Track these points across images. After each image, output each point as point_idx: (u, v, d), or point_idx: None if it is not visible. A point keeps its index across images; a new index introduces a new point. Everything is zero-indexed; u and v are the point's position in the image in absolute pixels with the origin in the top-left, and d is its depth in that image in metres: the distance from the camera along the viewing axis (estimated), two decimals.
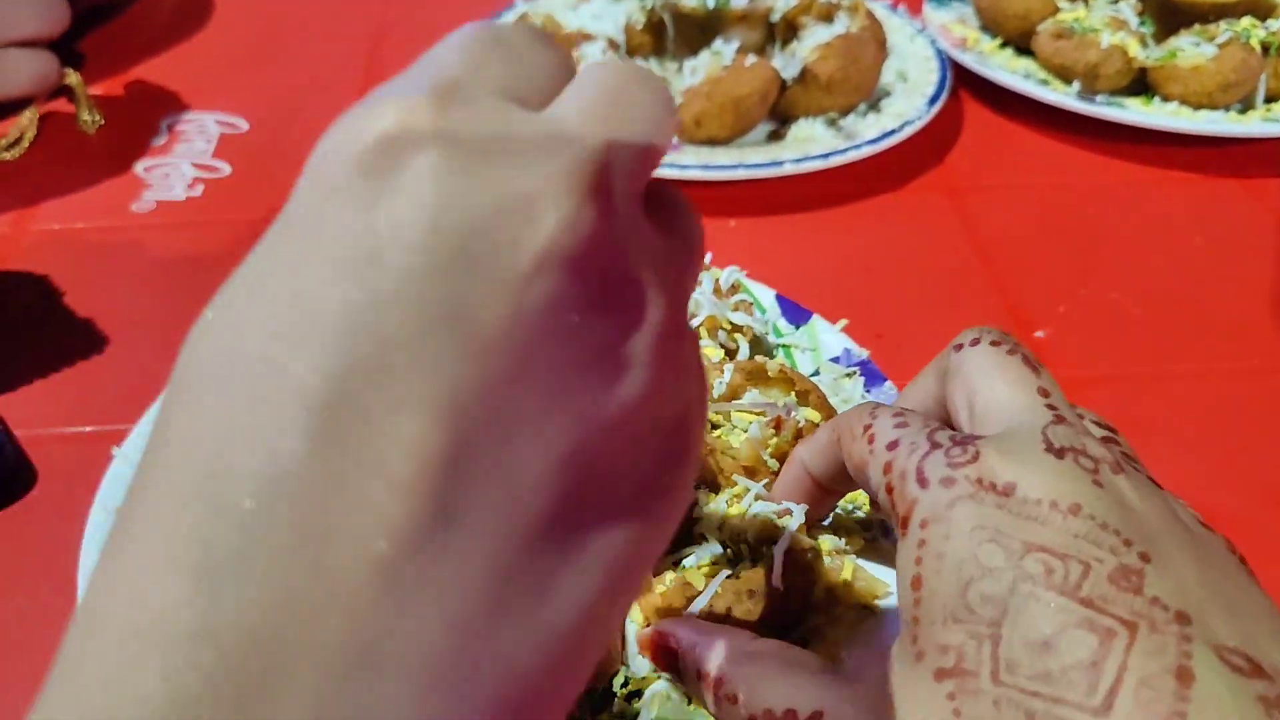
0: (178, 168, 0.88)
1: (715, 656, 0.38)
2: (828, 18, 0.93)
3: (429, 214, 0.21)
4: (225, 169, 0.88)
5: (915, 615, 0.31)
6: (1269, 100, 0.96)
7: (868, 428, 0.37)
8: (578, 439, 0.22)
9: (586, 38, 0.90)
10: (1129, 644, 0.27)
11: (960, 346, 0.39)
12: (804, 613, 0.49)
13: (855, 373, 0.63)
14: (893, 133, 0.86)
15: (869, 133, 0.87)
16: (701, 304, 0.61)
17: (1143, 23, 1.02)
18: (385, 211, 0.21)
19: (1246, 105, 0.95)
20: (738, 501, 0.48)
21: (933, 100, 0.91)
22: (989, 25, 1.05)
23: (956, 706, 0.28)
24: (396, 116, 0.22)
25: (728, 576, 0.46)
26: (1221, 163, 0.92)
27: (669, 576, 0.46)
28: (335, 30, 1.10)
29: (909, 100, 0.92)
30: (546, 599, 0.21)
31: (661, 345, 0.24)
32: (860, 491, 0.52)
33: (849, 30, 0.90)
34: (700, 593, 0.45)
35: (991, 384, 0.37)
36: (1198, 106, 0.95)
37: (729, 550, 0.48)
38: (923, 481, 0.32)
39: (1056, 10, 1.02)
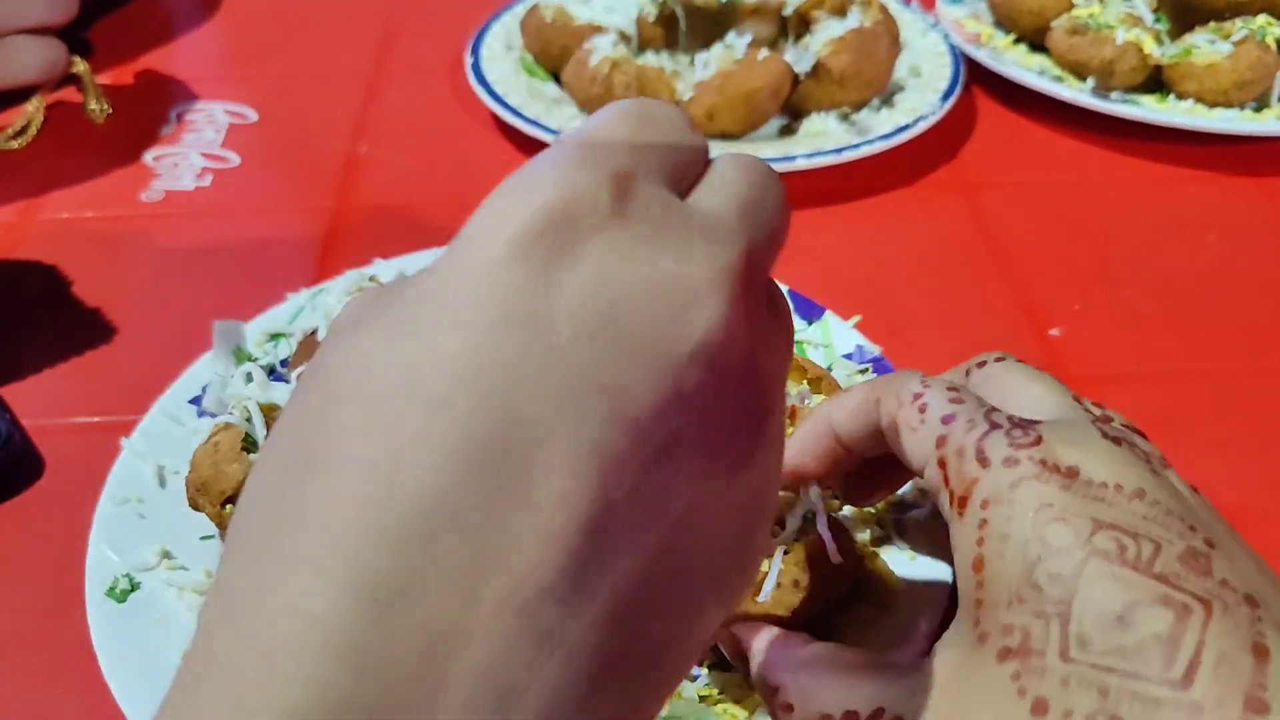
0: (186, 158, 0.87)
1: (769, 662, 0.38)
2: (841, 12, 0.92)
3: (600, 290, 0.22)
4: (234, 159, 0.87)
5: (978, 598, 0.31)
6: None
7: (918, 396, 0.37)
8: (698, 518, 0.24)
9: (598, 30, 0.89)
10: (1205, 620, 0.27)
11: (984, 364, 0.41)
12: (849, 589, 0.49)
13: (868, 369, 0.63)
14: (906, 128, 0.86)
15: (882, 128, 0.86)
16: None
17: (1158, 19, 1.01)
18: (559, 281, 0.22)
19: (1261, 103, 0.95)
20: None
21: (946, 96, 0.91)
22: (1003, 21, 1.04)
23: (1022, 686, 0.28)
24: (579, 193, 0.23)
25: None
26: (1236, 161, 0.91)
27: None
28: (345, 20, 1.09)
29: (922, 95, 0.91)
30: (652, 669, 0.24)
31: (779, 432, 0.27)
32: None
33: (862, 24, 0.90)
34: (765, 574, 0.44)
35: (1027, 388, 0.38)
36: (1213, 104, 0.94)
37: None
38: (984, 461, 0.32)
39: (1071, 6, 1.01)
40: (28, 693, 0.50)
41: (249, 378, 0.56)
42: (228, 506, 0.53)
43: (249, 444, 0.53)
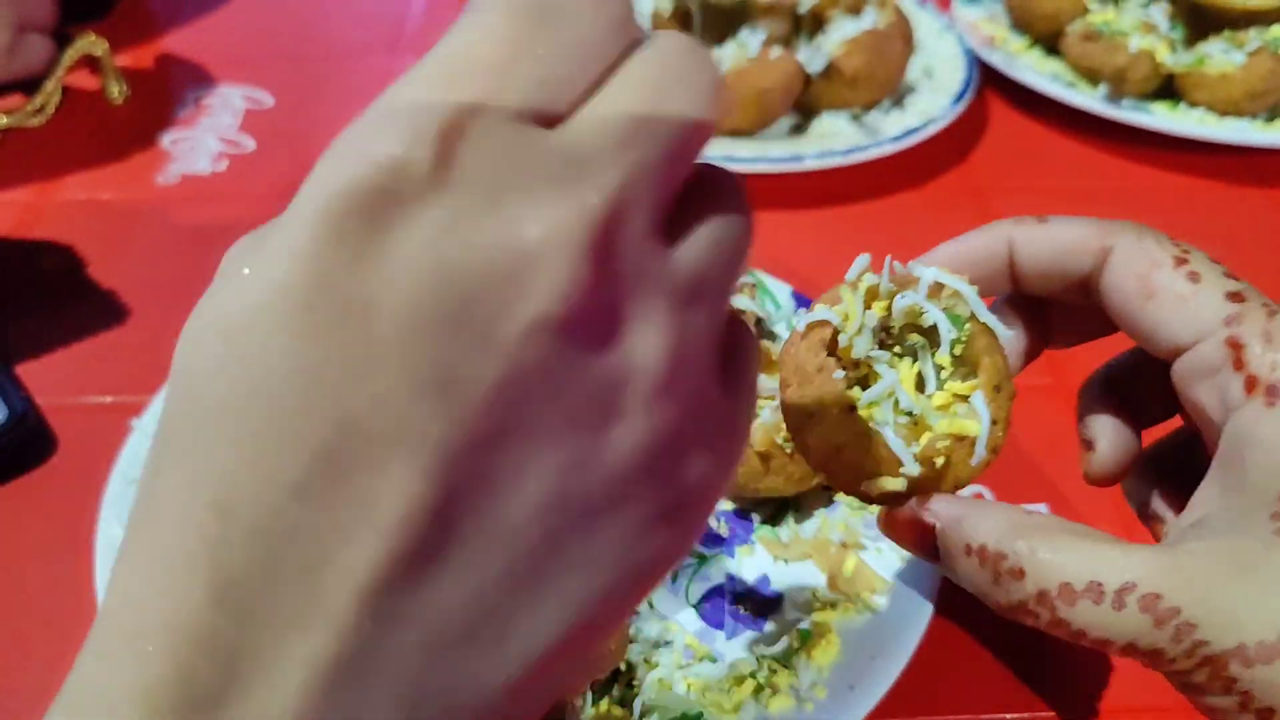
0: (203, 141, 0.88)
1: (988, 528, 0.34)
2: (855, 11, 0.92)
3: (422, 272, 0.21)
4: (250, 144, 0.89)
5: None
6: None
7: (1183, 261, 0.34)
8: (562, 488, 0.23)
9: None
10: None
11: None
12: None
13: None
14: (916, 130, 0.86)
15: (892, 130, 0.87)
16: None
17: (1173, 27, 1.01)
18: (378, 264, 0.21)
19: (1273, 114, 0.95)
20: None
21: (957, 99, 0.91)
22: (1018, 24, 1.05)
23: None
24: (400, 153, 0.21)
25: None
26: (1246, 171, 0.91)
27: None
28: (364, 5, 1.10)
29: (934, 98, 0.92)
30: (513, 631, 0.23)
31: (662, 391, 0.24)
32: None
33: (876, 25, 0.90)
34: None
35: None
36: (1224, 114, 0.94)
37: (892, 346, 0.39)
38: None
39: (1086, 11, 1.01)
40: (35, 665, 0.51)
41: None
42: None
43: None
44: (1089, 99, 0.94)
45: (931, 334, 0.38)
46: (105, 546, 0.54)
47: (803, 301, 0.68)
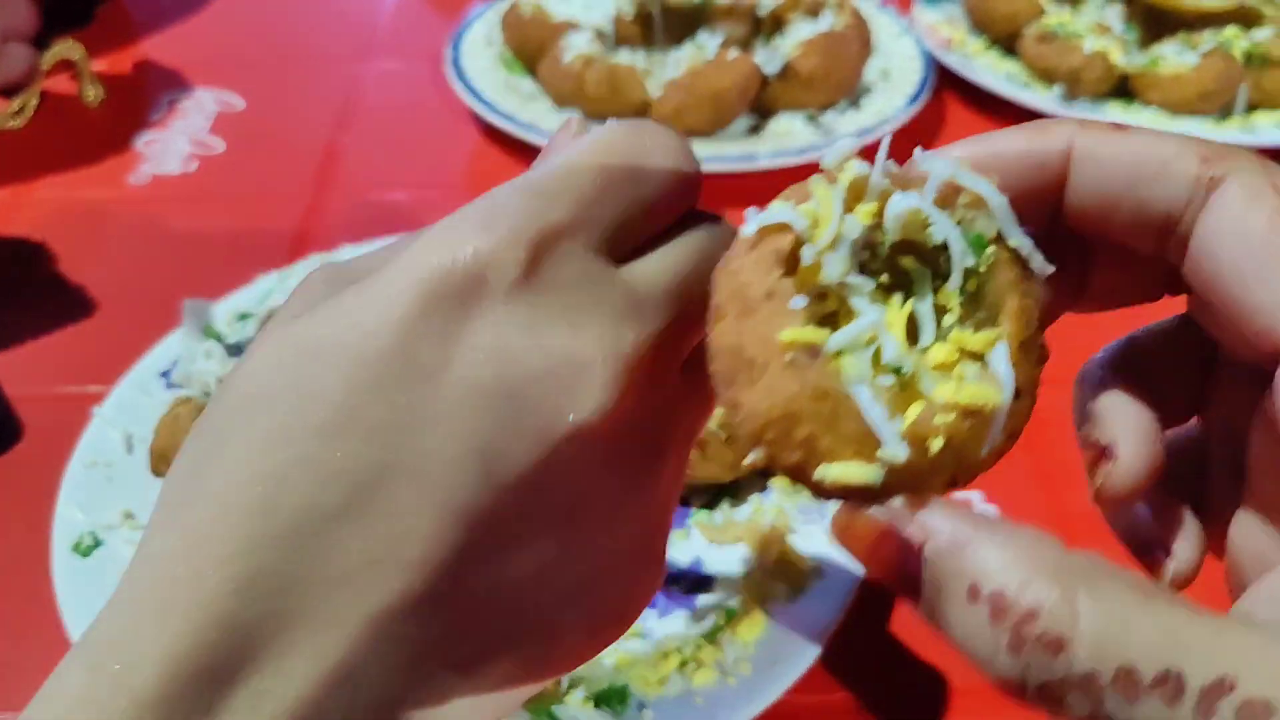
0: (175, 143, 0.91)
1: (1007, 563, 0.22)
2: (814, 13, 0.95)
3: (494, 358, 0.25)
4: (220, 146, 0.91)
5: None
6: (1250, 110, 0.97)
7: None
8: (555, 565, 0.27)
9: (574, 27, 0.92)
10: None
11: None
12: None
13: None
14: (869, 130, 0.88)
15: (847, 129, 0.89)
16: None
17: (1128, 28, 1.03)
18: (458, 341, 0.25)
19: (1226, 114, 0.97)
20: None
21: (912, 100, 0.93)
22: (977, 26, 1.07)
23: None
24: (496, 251, 0.25)
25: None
26: None
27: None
28: (336, 11, 1.13)
29: (890, 99, 0.94)
30: (490, 669, 0.27)
31: (656, 512, 0.30)
32: None
33: (833, 28, 0.92)
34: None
35: None
36: (1178, 114, 0.96)
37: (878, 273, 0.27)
38: None
39: (1043, 13, 1.03)
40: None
41: (209, 355, 0.59)
42: None
43: None
44: (1044, 100, 0.96)
45: (937, 260, 0.27)
46: (62, 529, 0.56)
47: None
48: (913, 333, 0.26)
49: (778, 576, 0.55)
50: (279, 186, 0.86)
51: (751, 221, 0.27)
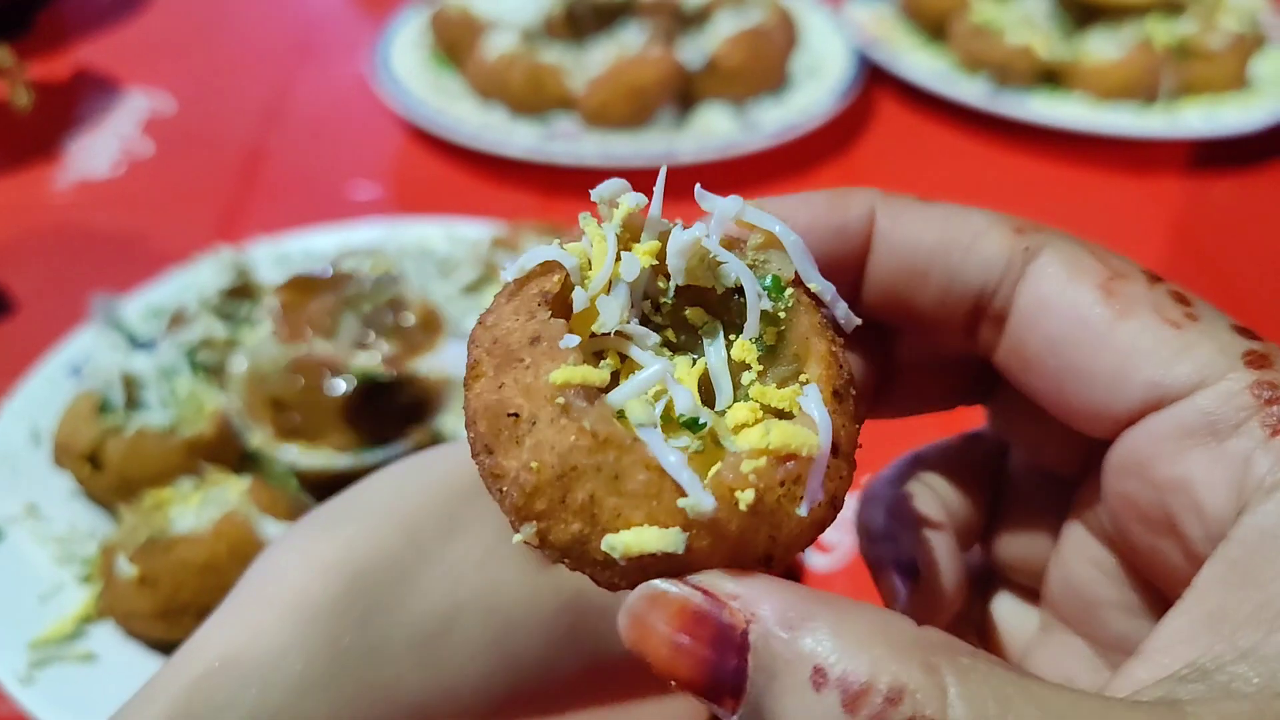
0: (104, 146, 0.91)
1: (860, 642, 0.20)
2: (739, 8, 0.96)
3: None
4: (149, 148, 0.91)
5: None
6: (1174, 100, 0.99)
7: (1158, 280, 0.24)
8: None
9: (498, 25, 0.93)
10: None
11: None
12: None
13: None
14: (794, 125, 0.89)
15: (772, 124, 0.90)
16: None
17: (1054, 20, 1.04)
18: None
19: (1149, 102, 0.98)
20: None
21: (839, 94, 0.94)
22: (907, 20, 1.08)
23: None
24: None
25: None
26: (1124, 161, 0.95)
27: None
28: (269, 12, 1.14)
29: (815, 93, 0.95)
30: None
31: None
32: None
33: (757, 22, 0.93)
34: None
35: None
36: (1102, 104, 0.97)
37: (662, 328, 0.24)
38: None
39: (971, 6, 1.04)
40: None
41: (113, 348, 0.60)
42: (85, 466, 0.56)
43: (105, 408, 0.57)
44: (970, 92, 0.97)
45: (729, 310, 0.24)
46: None
47: None
48: (710, 398, 0.23)
49: None
50: (203, 187, 0.86)
51: (510, 267, 0.23)
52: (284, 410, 0.57)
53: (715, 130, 0.90)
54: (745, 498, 0.20)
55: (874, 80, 1.03)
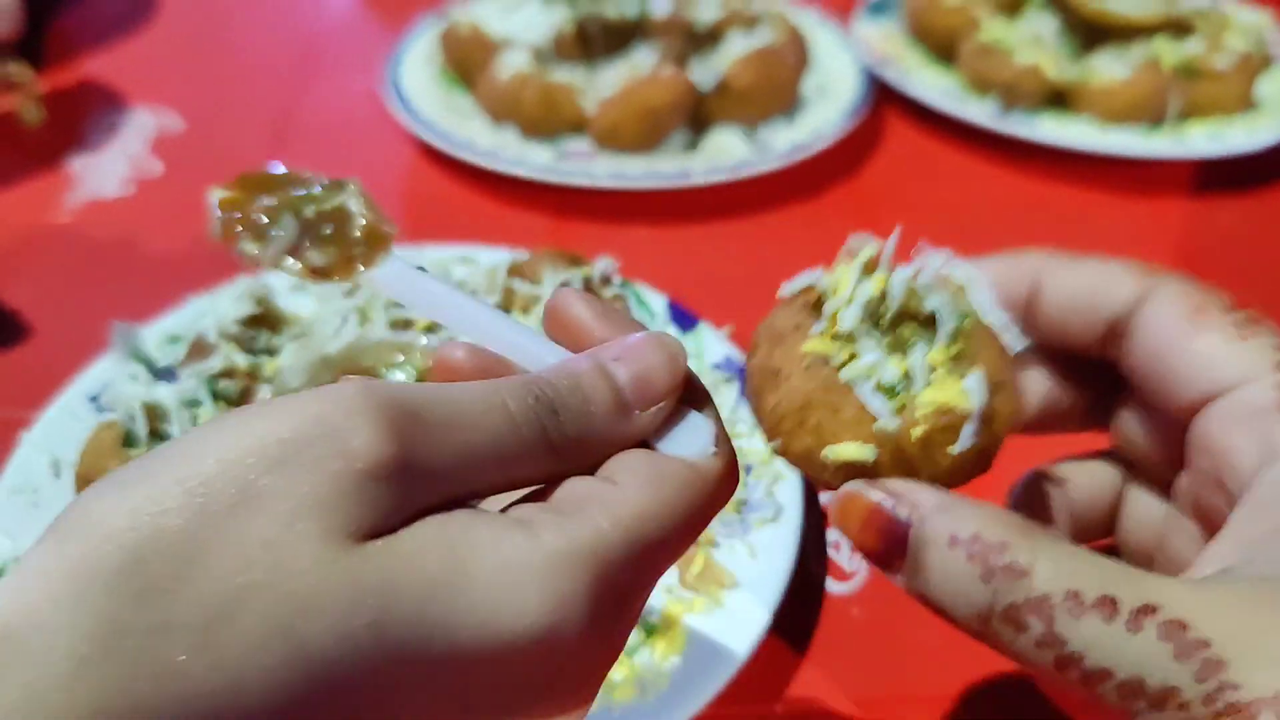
0: (113, 165, 0.91)
1: (982, 519, 0.30)
2: (750, 28, 0.96)
3: None
4: (158, 168, 0.91)
5: None
6: (1181, 120, 0.99)
7: (1233, 309, 0.34)
8: None
9: (510, 44, 0.93)
10: None
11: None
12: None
13: (734, 378, 0.66)
14: (804, 146, 0.89)
15: (783, 145, 0.90)
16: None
17: (1063, 41, 1.05)
18: None
19: (1157, 124, 0.98)
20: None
21: (849, 114, 0.94)
22: (915, 40, 1.08)
23: None
24: None
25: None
26: (1132, 182, 0.95)
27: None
28: (278, 30, 1.13)
29: (826, 113, 0.95)
30: None
31: None
32: None
33: (769, 42, 0.93)
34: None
35: None
36: (1109, 125, 0.98)
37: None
38: None
39: (980, 26, 1.04)
40: None
41: (134, 378, 0.59)
42: None
43: (129, 440, 0.57)
44: (979, 113, 0.97)
45: (929, 329, 0.34)
46: None
47: (680, 313, 0.71)
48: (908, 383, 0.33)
49: (699, 591, 0.56)
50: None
51: (786, 287, 0.36)
52: None
53: (727, 151, 0.90)
54: (916, 431, 0.31)
55: (883, 99, 1.03)
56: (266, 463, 0.25)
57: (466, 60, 0.95)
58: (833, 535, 0.62)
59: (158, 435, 0.58)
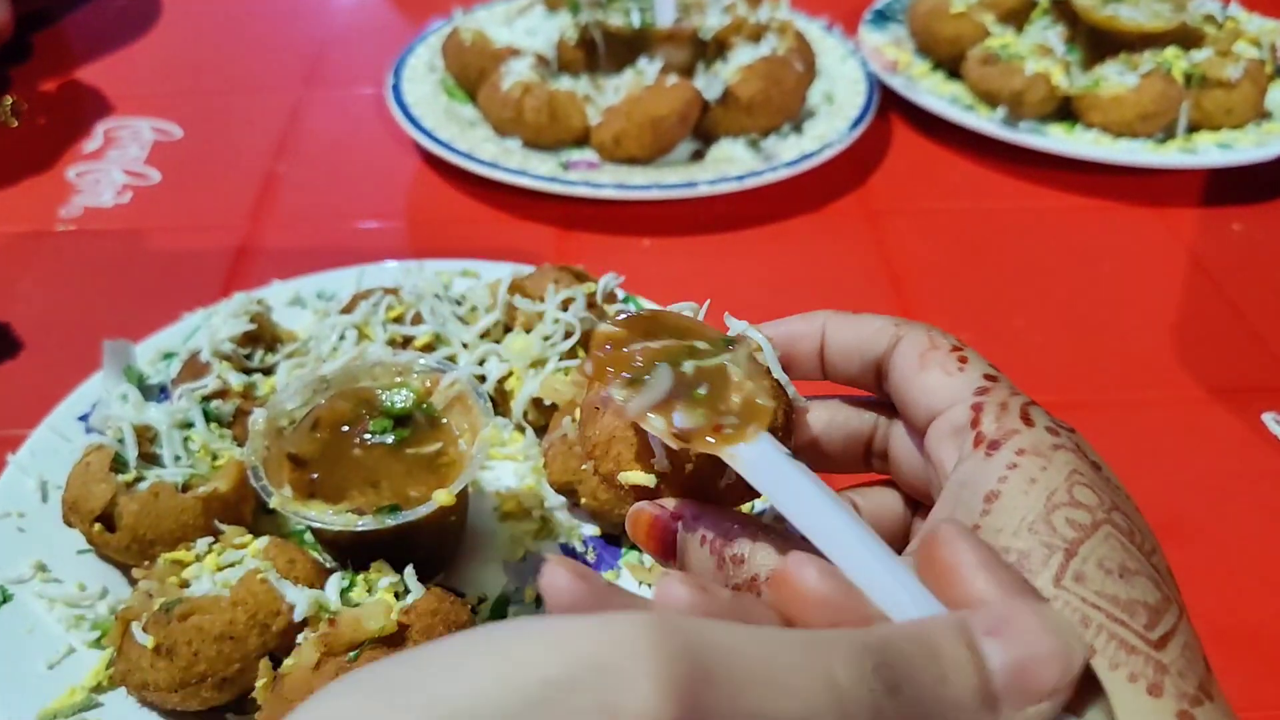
0: (109, 174, 0.89)
1: (720, 527, 0.38)
2: (756, 38, 0.94)
3: None
4: (155, 176, 0.89)
5: (976, 522, 0.36)
6: (1190, 131, 0.98)
7: (958, 349, 0.41)
8: None
9: (515, 53, 0.91)
10: (1179, 616, 0.34)
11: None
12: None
13: None
14: (811, 155, 0.88)
15: (789, 154, 0.89)
16: (574, 325, 0.63)
17: (1070, 50, 1.03)
18: None
19: (1167, 136, 0.97)
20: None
21: (855, 124, 0.93)
22: (922, 48, 1.07)
23: None
24: None
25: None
26: (1139, 191, 0.94)
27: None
28: (279, 39, 1.11)
29: (832, 122, 0.94)
30: None
31: None
32: None
33: (775, 52, 0.92)
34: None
35: None
36: (1119, 135, 0.96)
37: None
38: (1028, 421, 0.38)
39: (987, 35, 1.03)
40: None
41: (125, 398, 0.58)
42: (97, 525, 0.55)
43: (119, 464, 0.55)
44: (986, 122, 0.96)
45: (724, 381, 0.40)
46: None
47: None
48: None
49: None
50: (214, 218, 0.85)
51: (613, 317, 0.42)
52: (303, 467, 0.55)
53: (733, 160, 0.88)
54: (689, 467, 0.38)
55: (890, 108, 1.01)
56: (523, 705, 0.22)
57: (469, 69, 0.93)
58: None
59: (148, 458, 0.56)
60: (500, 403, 0.64)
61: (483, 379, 0.63)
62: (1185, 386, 0.73)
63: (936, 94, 1.00)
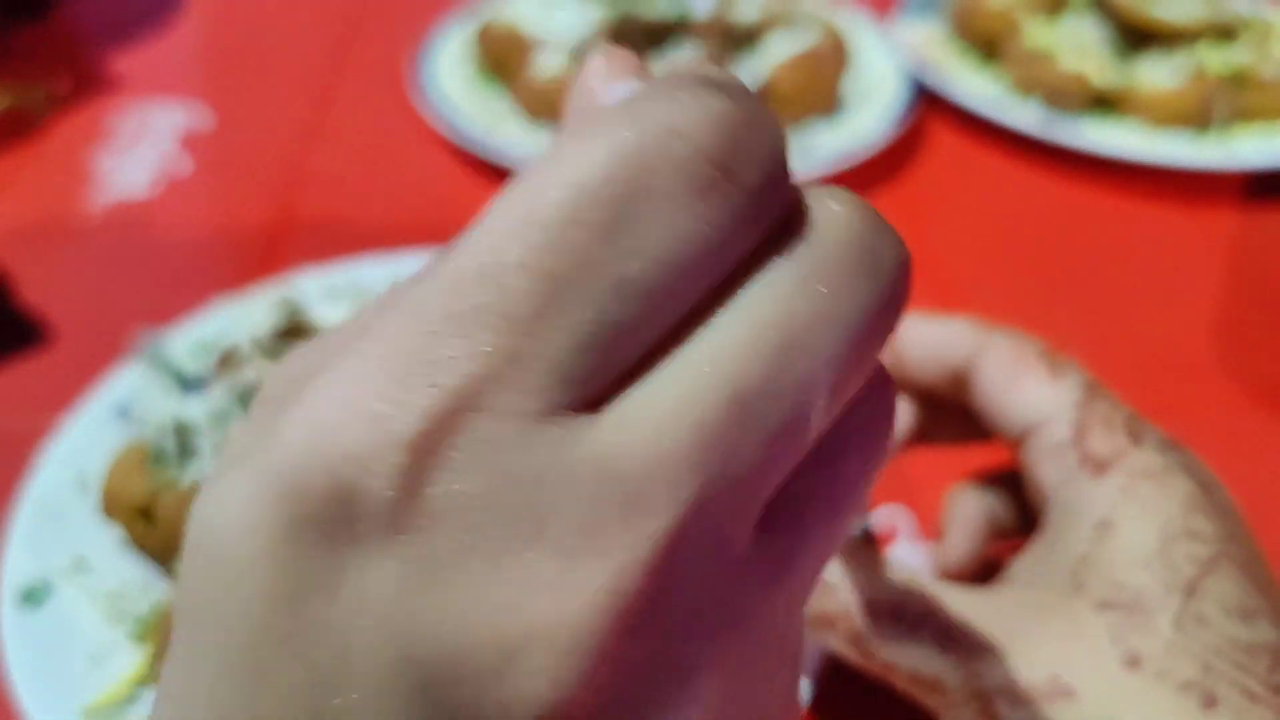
0: (140, 163, 0.89)
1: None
2: (790, 30, 0.93)
3: (384, 641, 0.16)
4: (188, 166, 0.89)
5: (1087, 553, 0.34)
6: (1227, 127, 0.96)
7: (1050, 357, 0.39)
8: None
9: (548, 44, 0.91)
10: None
11: None
12: None
13: None
14: (847, 151, 0.87)
15: (825, 150, 0.88)
16: None
17: (1108, 45, 1.02)
18: (341, 608, 0.16)
19: (1203, 130, 0.96)
20: None
21: (892, 119, 0.92)
22: (960, 42, 1.06)
23: (1119, 636, 0.31)
24: (351, 478, 0.16)
25: None
26: (1179, 190, 0.92)
27: None
28: (308, 25, 1.10)
29: (869, 118, 0.93)
30: None
31: None
32: None
33: (810, 45, 0.91)
34: None
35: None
36: (1157, 129, 0.95)
37: None
38: (1136, 439, 0.36)
39: (1023, 29, 1.02)
40: None
41: (161, 391, 0.58)
42: (136, 519, 0.54)
43: (158, 458, 0.55)
44: (1024, 119, 0.95)
45: None
46: (11, 574, 0.54)
47: None
48: None
49: None
50: (247, 208, 0.84)
51: None
52: None
53: None
54: None
55: (926, 103, 1.00)
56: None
57: (502, 60, 0.92)
58: None
59: (187, 452, 0.56)
60: None
61: None
62: (1227, 390, 0.72)
63: (973, 90, 0.98)
